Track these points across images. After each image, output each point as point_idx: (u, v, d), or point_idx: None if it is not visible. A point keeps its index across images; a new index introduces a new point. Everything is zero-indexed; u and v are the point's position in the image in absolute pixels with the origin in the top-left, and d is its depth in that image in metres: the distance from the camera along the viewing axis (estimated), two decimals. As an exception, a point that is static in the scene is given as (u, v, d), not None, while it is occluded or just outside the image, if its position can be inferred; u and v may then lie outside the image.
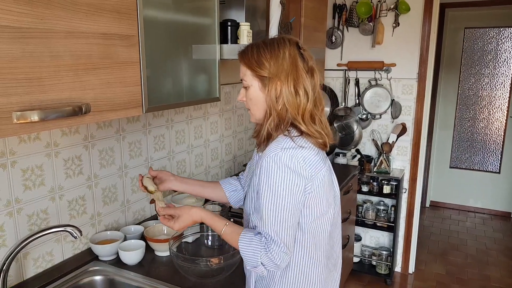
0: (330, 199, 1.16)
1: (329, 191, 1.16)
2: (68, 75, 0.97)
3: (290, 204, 1.06)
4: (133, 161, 1.77)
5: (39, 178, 1.37)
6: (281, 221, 1.06)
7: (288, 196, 1.06)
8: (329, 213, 1.16)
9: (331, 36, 3.16)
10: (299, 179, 1.06)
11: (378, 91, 3.12)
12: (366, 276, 3.27)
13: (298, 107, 1.10)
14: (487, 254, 3.68)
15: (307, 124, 1.11)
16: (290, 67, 1.09)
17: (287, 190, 1.06)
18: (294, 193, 1.06)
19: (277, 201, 1.06)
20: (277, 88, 1.09)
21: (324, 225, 1.16)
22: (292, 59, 1.10)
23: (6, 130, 0.85)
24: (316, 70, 1.15)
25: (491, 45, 4.34)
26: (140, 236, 1.63)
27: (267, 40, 1.15)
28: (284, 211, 1.06)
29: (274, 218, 1.06)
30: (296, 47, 1.13)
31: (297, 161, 1.06)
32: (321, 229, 1.16)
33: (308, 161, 1.08)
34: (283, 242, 1.06)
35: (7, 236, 1.29)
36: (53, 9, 0.91)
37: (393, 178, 3.05)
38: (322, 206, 1.13)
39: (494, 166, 4.54)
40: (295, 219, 1.09)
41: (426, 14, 2.91)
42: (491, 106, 4.45)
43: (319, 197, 1.11)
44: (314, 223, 1.14)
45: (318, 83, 1.15)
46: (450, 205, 4.76)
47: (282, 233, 1.06)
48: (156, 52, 1.31)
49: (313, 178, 1.09)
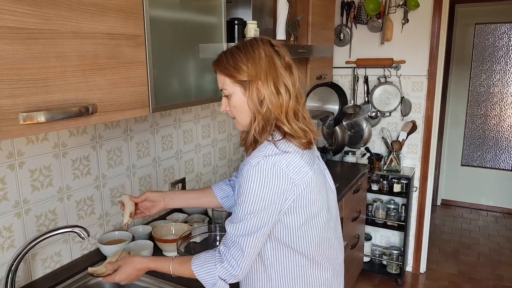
0: (320, 201, 1.11)
1: (318, 193, 1.11)
2: (74, 75, 0.97)
3: (265, 214, 1.03)
4: (141, 161, 1.77)
5: (47, 179, 1.37)
6: (250, 229, 1.04)
7: (265, 206, 1.03)
8: (319, 216, 1.12)
9: (339, 34, 3.14)
10: (280, 187, 1.03)
11: (388, 89, 3.08)
12: (377, 276, 3.24)
13: (281, 106, 1.06)
14: (500, 253, 3.63)
15: (291, 123, 1.08)
16: (268, 66, 1.06)
17: (265, 199, 1.02)
18: (272, 202, 1.03)
19: (252, 209, 1.03)
20: (260, 90, 1.06)
21: (315, 227, 1.12)
22: (268, 57, 1.07)
23: (12, 131, 0.85)
24: (293, 66, 1.12)
25: (502, 40, 4.27)
26: (148, 236, 1.63)
27: (239, 44, 1.11)
28: (257, 220, 1.03)
29: (244, 225, 1.04)
30: (269, 45, 1.09)
31: (280, 167, 1.03)
32: (311, 232, 1.11)
33: (292, 166, 1.04)
34: (251, 252, 1.04)
35: (16, 236, 1.30)
36: (59, 9, 0.91)
37: (403, 177, 3.01)
38: (310, 210, 1.09)
39: (507, 164, 4.47)
40: (265, 230, 1.05)
41: (435, 10, 2.87)
42: (503, 102, 4.38)
43: (306, 201, 1.08)
44: (304, 227, 1.10)
45: (297, 79, 1.11)
46: (462, 203, 4.69)
47: (252, 244, 1.04)
48: (163, 51, 1.30)
49: (296, 184, 1.05)
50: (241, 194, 1.05)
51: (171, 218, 1.84)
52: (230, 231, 1.07)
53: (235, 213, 1.07)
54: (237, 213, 1.06)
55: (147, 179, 1.81)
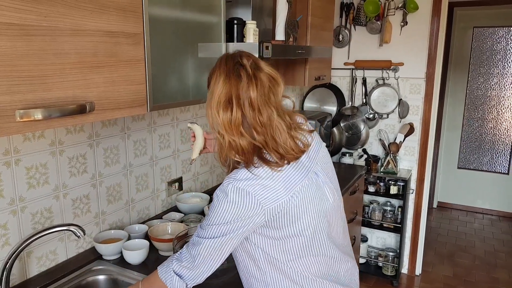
0: (305, 220, 1.06)
1: (305, 211, 1.06)
2: (72, 73, 0.96)
3: (225, 227, 1.01)
4: (138, 159, 1.76)
5: (43, 177, 1.37)
6: (210, 237, 1.03)
7: (227, 223, 1.01)
8: (304, 233, 1.07)
9: (338, 35, 3.14)
10: (244, 211, 1.00)
11: (386, 91, 3.09)
12: (372, 278, 3.24)
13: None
14: (495, 256, 3.64)
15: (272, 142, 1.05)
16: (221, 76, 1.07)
17: (228, 219, 1.00)
18: (233, 222, 1.01)
19: (215, 222, 1.02)
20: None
21: (297, 245, 1.08)
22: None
23: (9, 128, 0.84)
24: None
25: (500, 44, 4.28)
26: (144, 236, 1.62)
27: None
28: (216, 230, 1.02)
29: (205, 231, 1.04)
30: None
31: (248, 191, 1.00)
32: (294, 250, 1.08)
33: (263, 191, 1.00)
34: (200, 250, 1.04)
35: (11, 234, 1.29)
36: (58, 6, 0.91)
37: (400, 179, 3.02)
38: (290, 229, 1.05)
39: (503, 167, 4.48)
40: (222, 240, 1.03)
41: (434, 13, 2.88)
42: (500, 106, 4.39)
43: (283, 222, 1.04)
44: (283, 245, 1.07)
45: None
46: (458, 206, 4.71)
47: (204, 244, 1.03)
48: (162, 50, 1.30)
49: (267, 208, 1.01)
50: (211, 209, 1.04)
51: (167, 218, 1.84)
52: (194, 233, 1.09)
53: (201, 222, 1.09)
54: (203, 222, 1.07)
55: (144, 177, 1.81)
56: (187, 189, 2.10)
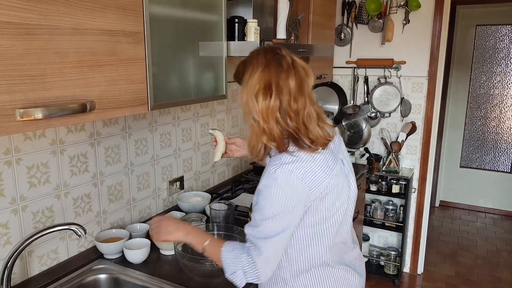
0: (338, 203, 1.14)
1: (338, 196, 1.13)
2: (73, 72, 0.96)
3: (283, 219, 1.06)
4: (139, 158, 1.76)
5: (44, 176, 1.36)
6: (268, 233, 1.07)
7: (283, 211, 1.05)
8: (335, 216, 1.14)
9: (340, 33, 3.13)
10: (297, 194, 1.05)
11: (388, 89, 3.07)
12: (374, 277, 3.24)
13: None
14: (497, 256, 3.63)
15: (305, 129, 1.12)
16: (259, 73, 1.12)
17: (283, 205, 1.04)
18: (289, 208, 1.05)
19: (270, 214, 1.05)
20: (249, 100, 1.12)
21: (329, 228, 1.14)
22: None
23: (9, 128, 0.84)
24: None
25: (503, 42, 4.26)
26: (145, 235, 1.62)
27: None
28: (275, 224, 1.06)
29: (262, 229, 1.07)
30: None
31: (296, 175, 1.05)
32: (325, 233, 1.14)
33: (308, 174, 1.06)
34: (260, 250, 1.07)
35: (12, 233, 1.29)
36: (57, 5, 0.90)
37: (402, 178, 3.01)
38: (326, 212, 1.12)
39: (505, 166, 4.47)
40: (284, 235, 1.08)
41: (437, 11, 2.86)
42: (503, 104, 4.38)
43: (322, 205, 1.10)
44: (317, 227, 1.13)
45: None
46: (460, 205, 4.70)
47: (264, 243, 1.07)
48: (162, 49, 1.29)
49: (312, 191, 1.07)
50: (260, 200, 1.07)
51: (169, 217, 1.84)
52: (248, 232, 1.11)
53: (254, 218, 1.10)
54: (256, 218, 1.09)
55: (145, 176, 1.81)
56: (188, 188, 2.10)
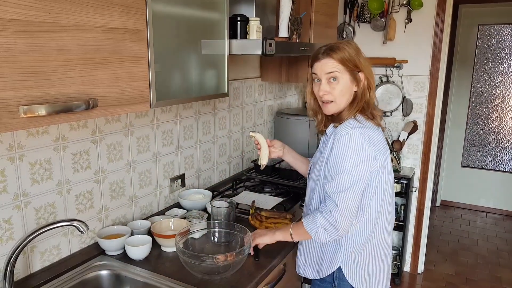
0: (391, 179, 1.39)
1: (390, 172, 1.39)
2: (76, 69, 0.97)
3: (355, 173, 1.27)
4: (141, 156, 1.77)
5: (47, 172, 1.37)
6: (343, 186, 1.27)
7: (354, 166, 1.27)
8: (387, 187, 1.37)
9: (342, 32, 3.13)
10: (366, 152, 1.28)
11: (389, 88, 3.08)
12: (374, 275, 3.24)
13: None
14: (498, 255, 3.63)
15: (372, 108, 1.39)
16: (368, 63, 1.39)
17: (354, 160, 1.27)
18: (360, 163, 1.27)
19: (344, 169, 1.27)
20: (366, 79, 1.38)
21: (390, 202, 1.40)
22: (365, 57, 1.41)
23: (13, 124, 0.85)
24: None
25: (505, 42, 4.26)
26: (147, 231, 1.63)
27: (348, 43, 1.39)
28: (348, 178, 1.27)
29: (337, 182, 1.28)
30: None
31: (364, 139, 1.28)
32: (389, 205, 1.41)
33: (372, 139, 1.30)
34: (345, 207, 1.27)
35: (15, 229, 1.30)
36: (62, 2, 0.91)
37: (403, 177, 3.01)
38: (383, 180, 1.34)
39: (507, 166, 4.47)
40: (357, 188, 1.28)
41: (439, 10, 2.86)
42: (505, 104, 4.37)
43: (382, 172, 1.33)
44: (370, 200, 1.35)
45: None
46: (461, 204, 4.70)
47: (346, 200, 1.27)
48: (165, 47, 1.30)
49: (377, 156, 1.30)
50: (333, 157, 1.30)
51: (170, 214, 1.84)
52: (326, 189, 1.32)
53: (329, 174, 1.32)
54: (331, 173, 1.31)
55: (147, 174, 1.82)
56: (189, 185, 2.11)
